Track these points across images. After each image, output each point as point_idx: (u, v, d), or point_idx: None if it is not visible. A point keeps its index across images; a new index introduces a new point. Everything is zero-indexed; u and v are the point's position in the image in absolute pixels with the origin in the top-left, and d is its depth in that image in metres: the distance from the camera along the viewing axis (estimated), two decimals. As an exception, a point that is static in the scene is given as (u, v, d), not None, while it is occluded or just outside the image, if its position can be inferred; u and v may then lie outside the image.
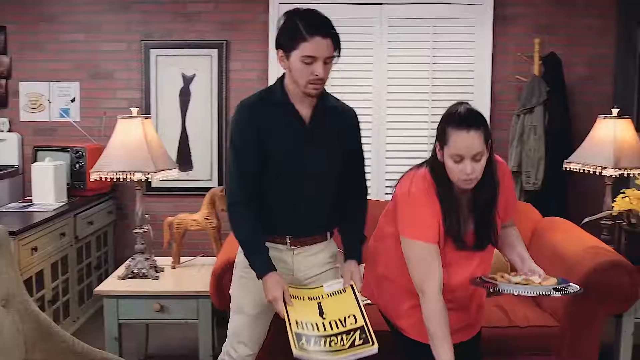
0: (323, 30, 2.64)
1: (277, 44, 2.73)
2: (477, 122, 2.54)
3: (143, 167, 3.84)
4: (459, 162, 2.55)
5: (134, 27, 5.84)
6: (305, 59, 2.64)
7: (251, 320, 2.95)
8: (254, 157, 2.77)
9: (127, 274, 4.01)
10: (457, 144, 2.53)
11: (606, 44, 5.92)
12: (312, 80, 2.67)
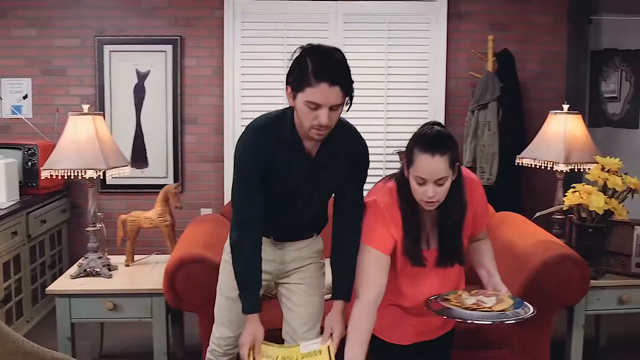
0: (331, 78, 2.47)
1: (287, 80, 2.59)
2: (444, 146, 2.52)
3: (94, 164, 3.80)
4: (422, 184, 2.55)
5: (87, 23, 5.77)
6: (310, 104, 2.51)
7: (230, 303, 2.95)
8: (260, 185, 2.72)
9: (80, 272, 3.96)
10: (421, 167, 2.53)
11: (558, 41, 6.01)
12: (316, 126, 2.55)
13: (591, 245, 3.89)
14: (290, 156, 2.70)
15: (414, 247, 2.69)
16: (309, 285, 3.02)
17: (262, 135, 2.70)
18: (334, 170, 2.78)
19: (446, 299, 2.72)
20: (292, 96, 2.58)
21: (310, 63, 2.49)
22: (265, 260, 2.88)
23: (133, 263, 4.26)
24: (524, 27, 5.96)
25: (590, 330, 4.61)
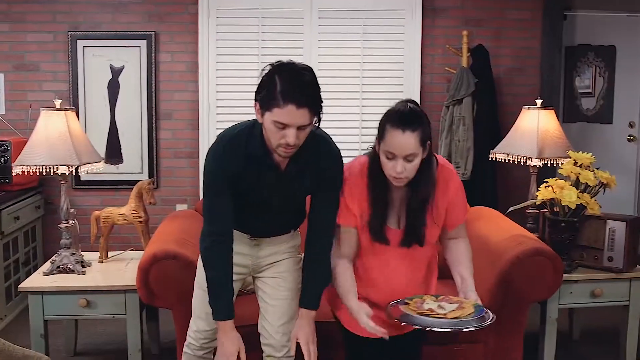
0: (299, 100, 2.46)
1: (256, 96, 2.59)
2: (415, 123, 2.56)
3: (66, 160, 3.76)
4: (391, 159, 2.58)
5: (60, 18, 5.73)
6: (277, 124, 2.50)
7: (204, 295, 2.94)
8: (229, 195, 2.75)
9: (53, 269, 3.93)
10: (391, 142, 2.56)
11: (533, 36, 6.05)
12: (283, 145, 2.55)
13: (564, 240, 3.92)
14: (259, 168, 2.71)
15: (378, 223, 2.73)
16: (285, 280, 3.02)
17: (231, 147, 2.71)
18: (305, 182, 2.79)
19: (407, 303, 2.72)
20: (260, 113, 2.57)
21: (278, 83, 2.48)
22: (242, 255, 2.94)
23: (107, 259, 4.23)
24: (498, 23, 5.99)
25: (564, 324, 4.65)
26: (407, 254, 2.82)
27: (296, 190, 2.83)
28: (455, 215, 2.87)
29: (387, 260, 2.83)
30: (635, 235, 4.00)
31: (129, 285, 3.73)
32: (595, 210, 3.85)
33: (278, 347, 3.01)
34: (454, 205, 2.83)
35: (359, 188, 2.75)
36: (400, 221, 2.77)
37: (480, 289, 3.68)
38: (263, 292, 3.06)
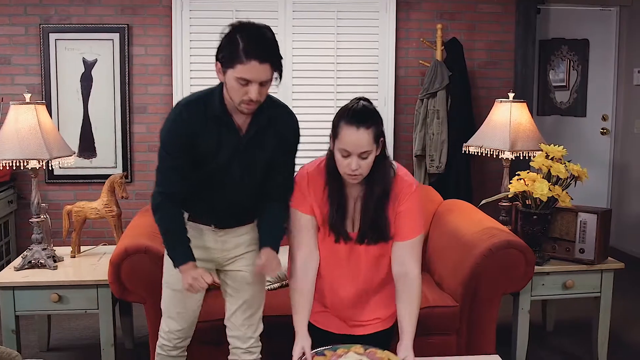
0: (262, 55, 2.54)
1: (217, 56, 2.63)
2: (368, 120, 2.57)
3: (37, 154, 3.72)
4: (346, 157, 2.58)
5: (31, 10, 5.67)
6: (240, 81, 2.56)
7: (178, 296, 2.97)
8: (183, 155, 2.74)
9: (24, 264, 3.89)
10: (345, 140, 2.56)
11: (506, 30, 6.09)
12: (246, 101, 2.61)
13: (536, 232, 3.94)
14: (219, 130, 2.74)
15: (337, 219, 2.73)
16: (250, 273, 3.02)
17: (190, 108, 2.73)
18: (265, 145, 2.81)
19: (323, 354, 2.71)
20: (222, 72, 2.62)
21: (240, 41, 2.54)
22: (208, 248, 2.96)
23: (79, 254, 4.21)
24: (472, 16, 6.01)
25: (537, 316, 4.69)
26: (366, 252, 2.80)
27: (256, 156, 2.81)
28: (404, 226, 2.76)
29: (344, 259, 2.82)
30: (606, 227, 4.04)
31: (101, 280, 3.70)
32: (566, 202, 3.87)
33: (244, 339, 3.06)
34: (402, 215, 2.75)
35: (316, 183, 2.76)
36: (354, 220, 2.76)
37: (453, 281, 3.75)
38: (228, 286, 3.07)
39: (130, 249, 3.44)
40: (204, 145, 2.74)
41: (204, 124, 2.72)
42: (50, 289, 3.73)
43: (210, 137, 2.73)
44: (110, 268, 3.46)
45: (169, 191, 2.78)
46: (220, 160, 2.77)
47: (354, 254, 2.81)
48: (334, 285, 2.87)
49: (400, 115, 5.94)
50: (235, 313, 3.05)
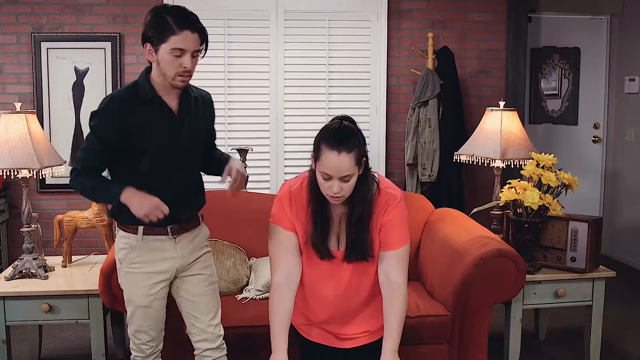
0: (192, 25, 2.75)
1: (145, 38, 2.78)
2: (349, 143, 2.53)
3: (27, 163, 3.71)
4: (328, 180, 2.56)
5: (22, 19, 5.67)
6: (175, 52, 2.73)
7: (143, 310, 3.00)
8: (108, 139, 2.80)
9: (15, 274, 3.88)
10: (327, 164, 2.53)
11: (497, 38, 6.10)
12: (181, 72, 2.77)
13: (527, 241, 3.95)
14: (152, 112, 2.84)
15: (320, 237, 2.70)
16: (207, 275, 3.12)
17: (121, 96, 2.85)
18: (195, 122, 2.96)
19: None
20: (153, 51, 2.77)
21: (169, 17, 2.73)
22: (168, 259, 2.99)
23: (71, 264, 4.20)
24: (463, 25, 6.03)
25: (530, 324, 4.69)
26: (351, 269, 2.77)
27: (191, 132, 2.94)
28: (388, 237, 2.73)
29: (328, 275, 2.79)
30: (598, 235, 4.04)
31: (91, 290, 3.70)
32: (557, 211, 3.88)
33: (213, 339, 3.12)
34: (388, 227, 2.72)
35: (298, 200, 2.74)
36: (340, 238, 2.74)
37: (444, 290, 3.74)
38: (186, 291, 3.10)
39: (121, 258, 3.44)
40: (140, 133, 2.81)
41: (134, 108, 2.81)
42: (41, 299, 3.72)
43: (146, 124, 2.82)
44: (101, 278, 3.45)
45: (89, 165, 2.86)
46: (158, 144, 2.85)
47: (339, 271, 2.77)
48: (319, 300, 2.84)
49: (392, 124, 5.95)
50: (199, 317, 3.10)
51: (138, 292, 2.97)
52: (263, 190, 5.50)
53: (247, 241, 4.25)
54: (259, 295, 3.91)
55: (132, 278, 2.97)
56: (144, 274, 2.95)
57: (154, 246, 2.94)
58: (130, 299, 3.01)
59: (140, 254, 2.95)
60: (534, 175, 3.93)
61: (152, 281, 2.96)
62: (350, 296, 2.82)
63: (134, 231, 2.93)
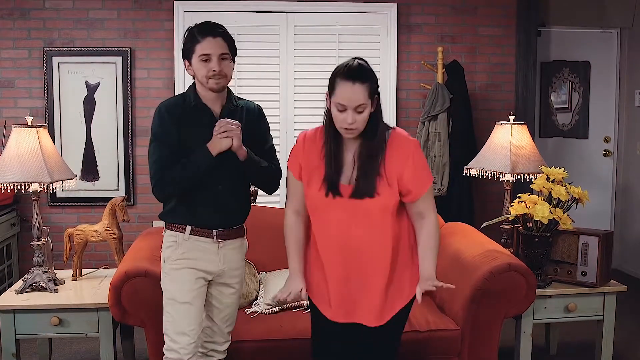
0: (213, 31, 3.02)
1: (183, 56, 3.11)
2: (363, 76, 2.68)
3: (38, 177, 3.73)
4: (342, 111, 2.68)
5: (35, 34, 5.72)
6: (202, 57, 2.99)
7: (186, 308, 3.08)
8: (173, 142, 3.02)
9: (25, 287, 3.89)
10: (341, 94, 2.66)
11: (507, 52, 6.11)
12: (211, 75, 3.00)
13: (537, 255, 3.94)
14: (199, 119, 3.07)
15: (333, 175, 2.78)
16: (237, 289, 3.29)
17: (169, 104, 3.11)
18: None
19: None
20: (188, 62, 3.07)
21: (194, 29, 3.05)
22: (210, 261, 3.14)
23: (81, 277, 4.20)
24: (472, 39, 6.04)
25: (540, 339, 4.66)
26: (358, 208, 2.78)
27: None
28: (415, 181, 2.79)
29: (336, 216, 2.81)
30: (608, 249, 4.03)
31: (101, 303, 3.70)
32: (567, 225, 3.87)
33: (222, 343, 3.33)
34: (411, 169, 2.78)
35: (312, 143, 2.86)
36: (351, 177, 2.79)
37: (454, 304, 3.73)
38: (214, 298, 3.24)
39: (130, 272, 3.45)
40: (189, 137, 3.04)
41: (185, 118, 3.06)
42: (51, 312, 3.73)
43: (193, 129, 3.05)
44: (111, 291, 3.46)
45: (165, 165, 3.01)
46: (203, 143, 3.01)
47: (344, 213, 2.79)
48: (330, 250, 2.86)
49: (402, 138, 5.94)
50: (217, 323, 3.28)
51: (182, 287, 3.09)
52: (273, 204, 5.48)
53: (257, 255, 4.25)
54: (269, 309, 3.91)
55: (177, 274, 3.10)
56: (188, 269, 3.09)
57: (198, 246, 3.10)
58: (173, 296, 3.10)
59: (185, 250, 3.09)
60: (544, 189, 3.92)
61: (195, 276, 3.10)
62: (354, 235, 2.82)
63: (181, 230, 3.10)
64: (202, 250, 3.11)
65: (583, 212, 4.13)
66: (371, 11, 5.87)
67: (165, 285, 3.14)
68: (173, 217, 3.13)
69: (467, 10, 6.03)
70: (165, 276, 3.14)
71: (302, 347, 3.59)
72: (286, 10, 5.80)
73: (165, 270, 3.14)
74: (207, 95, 3.09)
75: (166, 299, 3.13)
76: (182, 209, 3.10)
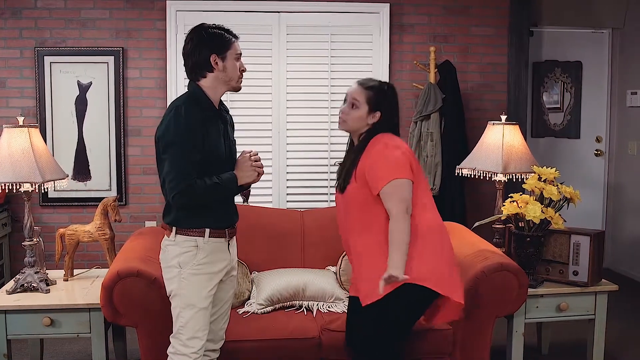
0: (235, 35, 3.15)
1: (214, 50, 3.05)
2: (368, 84, 3.21)
3: (30, 177, 3.72)
4: (344, 103, 3.26)
5: (26, 34, 5.70)
6: (237, 56, 3.11)
7: (203, 313, 3.11)
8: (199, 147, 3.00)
9: (16, 287, 3.88)
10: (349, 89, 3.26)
11: (499, 52, 6.12)
12: (241, 75, 3.15)
13: (529, 254, 3.94)
14: (210, 120, 3.10)
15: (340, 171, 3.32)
16: (234, 284, 3.37)
17: (187, 105, 3.04)
18: (232, 132, 3.28)
19: None
20: (220, 59, 3.06)
21: (219, 30, 3.10)
22: (224, 260, 3.20)
23: (72, 277, 4.19)
24: (465, 39, 6.05)
25: (532, 338, 4.67)
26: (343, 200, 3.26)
27: (230, 134, 3.25)
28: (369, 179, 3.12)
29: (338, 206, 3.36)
30: (600, 249, 4.04)
31: (93, 304, 3.69)
32: (559, 224, 3.88)
33: (217, 341, 3.35)
34: (367, 170, 3.12)
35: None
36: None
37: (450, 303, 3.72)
38: (215, 295, 3.22)
39: (122, 272, 3.44)
40: (206, 138, 3.03)
41: (205, 119, 3.05)
42: (43, 313, 3.71)
43: (208, 129, 3.05)
44: (102, 291, 3.45)
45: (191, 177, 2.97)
46: (218, 143, 3.11)
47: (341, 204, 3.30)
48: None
49: (394, 138, 5.95)
50: (215, 321, 3.29)
51: (201, 293, 3.09)
52: (265, 204, 5.49)
53: (249, 255, 4.25)
54: (261, 309, 3.91)
55: (197, 280, 3.08)
56: (208, 274, 3.11)
57: (215, 247, 3.13)
58: (191, 302, 3.09)
59: (206, 254, 3.10)
60: (536, 189, 3.93)
61: (214, 281, 3.13)
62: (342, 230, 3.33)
63: (200, 234, 3.08)
64: (218, 251, 3.14)
65: (575, 212, 4.15)
66: (364, 11, 5.87)
67: (182, 290, 3.09)
68: (189, 222, 3.08)
69: (459, 11, 6.04)
70: (183, 281, 3.08)
71: (294, 347, 3.61)
72: (278, 10, 5.80)
73: (183, 276, 3.08)
74: (215, 98, 3.13)
75: (183, 304, 3.09)
76: (201, 213, 3.08)
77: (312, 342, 3.66)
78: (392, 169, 3.08)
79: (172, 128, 2.97)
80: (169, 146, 2.98)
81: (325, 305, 4.00)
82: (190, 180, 2.96)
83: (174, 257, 3.09)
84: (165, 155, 3.00)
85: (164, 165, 3.01)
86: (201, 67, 3.08)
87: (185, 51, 3.12)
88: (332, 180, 5.82)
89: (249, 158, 3.17)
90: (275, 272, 4.16)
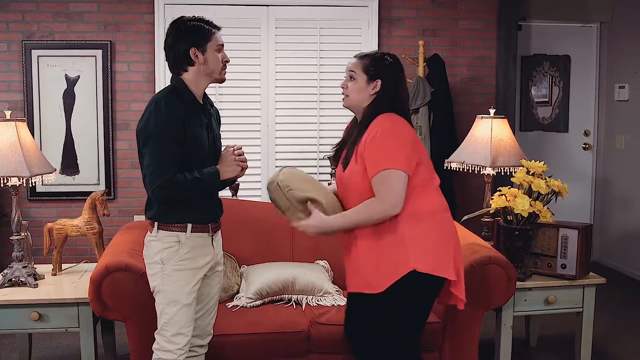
0: (215, 26, 3.11)
1: (193, 44, 3.01)
2: (364, 55, 3.19)
3: (17, 171, 3.70)
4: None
5: (13, 27, 5.67)
6: (218, 47, 3.07)
7: (187, 309, 3.08)
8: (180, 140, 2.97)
9: (4, 282, 3.86)
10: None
11: (488, 46, 6.13)
12: (223, 66, 3.10)
13: (517, 248, 3.95)
14: (193, 114, 3.06)
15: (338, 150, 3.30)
16: (220, 278, 3.34)
17: (168, 98, 3.01)
18: (216, 126, 3.26)
19: None
20: (199, 52, 3.03)
21: (199, 22, 3.07)
22: (208, 255, 3.16)
23: (61, 272, 4.18)
24: (453, 33, 6.06)
25: (520, 331, 4.69)
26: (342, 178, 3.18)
27: (215, 128, 3.23)
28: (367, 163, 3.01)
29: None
30: (588, 242, 4.06)
31: (81, 298, 3.68)
32: (547, 218, 3.89)
33: (205, 336, 3.33)
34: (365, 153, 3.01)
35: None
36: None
37: (436, 297, 3.73)
38: (200, 291, 3.19)
39: (111, 266, 3.43)
40: (188, 130, 3.00)
41: (186, 113, 3.01)
42: (31, 307, 3.69)
43: (190, 122, 3.02)
44: (91, 286, 3.44)
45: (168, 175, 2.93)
46: (202, 136, 3.07)
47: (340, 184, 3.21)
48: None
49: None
50: (202, 316, 3.27)
51: (185, 289, 3.06)
52: (254, 198, 5.49)
53: (238, 249, 4.25)
54: (250, 303, 3.91)
55: (181, 275, 3.05)
56: (191, 269, 3.07)
57: (198, 242, 3.10)
58: (175, 298, 3.06)
59: (188, 249, 3.06)
60: (524, 182, 3.94)
61: (197, 277, 3.10)
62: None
63: (182, 229, 3.05)
64: (201, 246, 3.11)
65: (563, 205, 4.16)
66: (352, 4, 5.87)
67: (165, 287, 3.06)
68: (171, 216, 3.05)
69: (448, 4, 6.05)
70: (166, 277, 3.05)
71: (284, 340, 3.61)
72: (267, 3, 5.78)
73: (166, 272, 3.05)
74: (198, 91, 3.10)
75: (167, 301, 3.06)
76: (182, 207, 3.04)
77: (302, 335, 3.66)
78: (384, 157, 2.95)
79: (152, 121, 2.95)
80: (148, 140, 2.95)
81: (315, 299, 4.00)
82: (170, 174, 2.93)
83: (157, 253, 3.07)
84: (145, 149, 2.98)
85: (145, 159, 2.99)
86: (182, 61, 3.05)
87: (166, 45, 3.09)
88: (321, 174, 5.82)
89: (232, 152, 3.14)
90: (264, 265, 4.16)
